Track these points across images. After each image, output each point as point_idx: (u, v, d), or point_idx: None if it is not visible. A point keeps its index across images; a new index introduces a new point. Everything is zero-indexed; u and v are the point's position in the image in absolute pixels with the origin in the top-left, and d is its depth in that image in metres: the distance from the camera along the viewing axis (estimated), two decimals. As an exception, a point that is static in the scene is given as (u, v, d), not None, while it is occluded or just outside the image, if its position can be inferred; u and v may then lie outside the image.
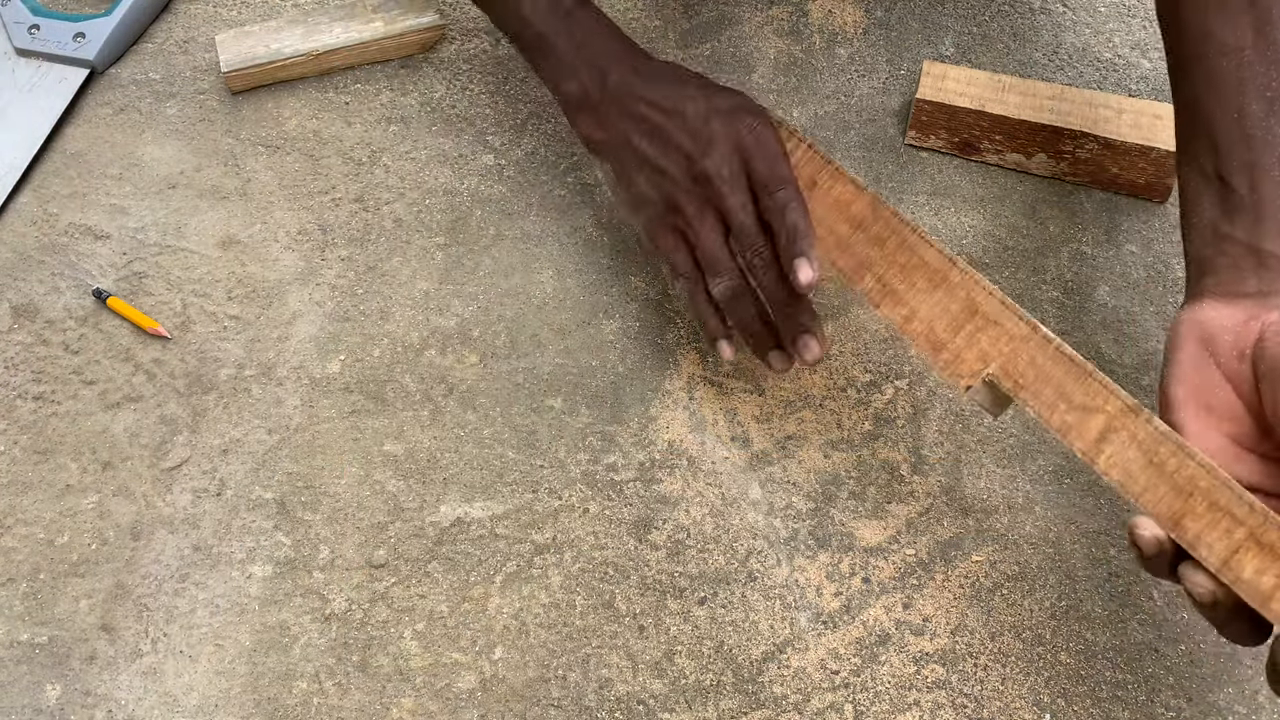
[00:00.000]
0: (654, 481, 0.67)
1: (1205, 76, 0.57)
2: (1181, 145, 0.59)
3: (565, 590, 0.64)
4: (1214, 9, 0.57)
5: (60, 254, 0.77)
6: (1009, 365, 0.55)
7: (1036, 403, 0.54)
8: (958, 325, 0.57)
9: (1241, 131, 0.55)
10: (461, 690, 0.61)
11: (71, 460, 0.69)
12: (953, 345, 0.57)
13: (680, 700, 0.60)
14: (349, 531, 0.66)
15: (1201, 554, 0.48)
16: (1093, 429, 0.52)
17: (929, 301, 0.58)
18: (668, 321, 0.73)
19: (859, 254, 0.61)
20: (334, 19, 0.85)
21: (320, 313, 0.74)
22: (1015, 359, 0.55)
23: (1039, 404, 0.54)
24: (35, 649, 0.62)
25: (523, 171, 0.80)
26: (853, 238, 0.61)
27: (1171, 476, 0.50)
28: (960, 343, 0.57)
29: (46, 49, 0.86)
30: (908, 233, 0.60)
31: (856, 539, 0.65)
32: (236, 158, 0.81)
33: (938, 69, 0.79)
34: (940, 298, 0.58)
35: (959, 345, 0.57)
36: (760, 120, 0.63)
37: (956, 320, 0.57)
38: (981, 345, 0.56)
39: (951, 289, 0.58)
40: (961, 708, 0.60)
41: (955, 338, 0.57)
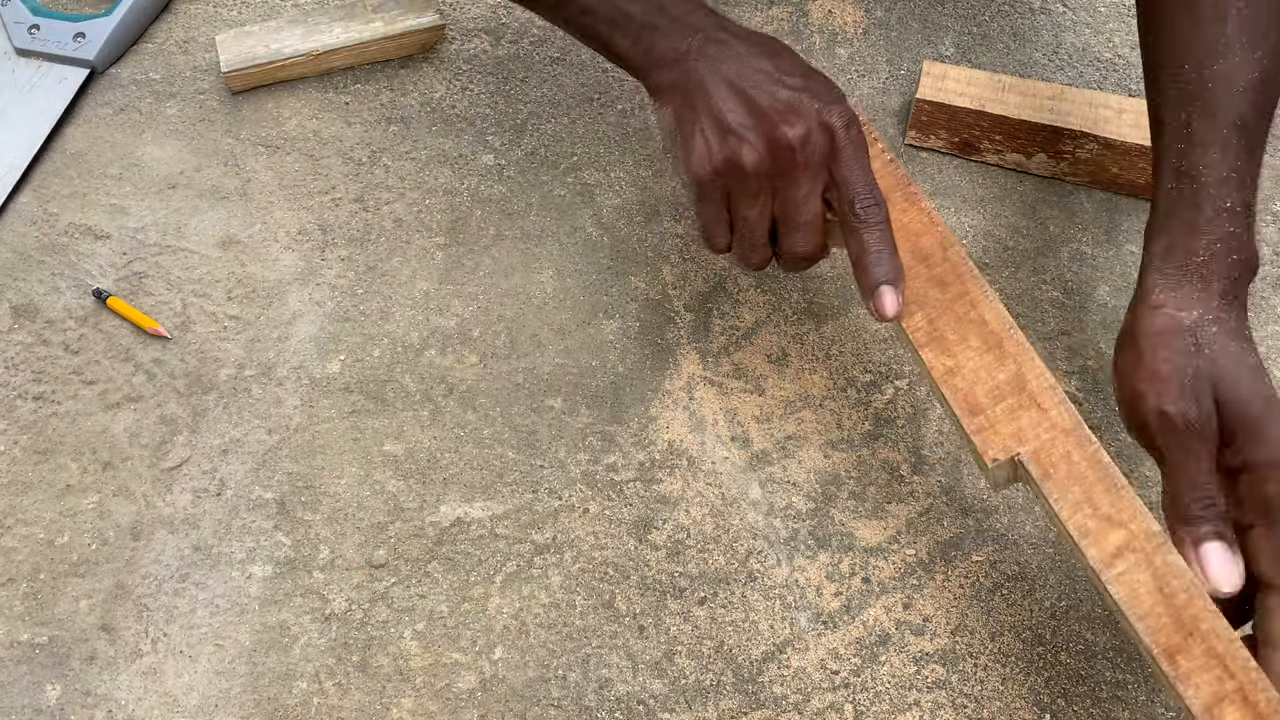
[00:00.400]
0: (654, 481, 0.67)
1: None
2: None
3: (565, 590, 0.64)
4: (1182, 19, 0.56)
5: (60, 254, 0.77)
6: (1043, 453, 0.53)
7: (1061, 498, 0.52)
8: (1000, 395, 0.55)
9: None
10: (461, 690, 0.61)
11: (71, 460, 0.69)
12: (990, 414, 0.54)
13: (680, 700, 0.60)
14: (349, 531, 0.66)
15: (1187, 692, 0.47)
16: (1112, 542, 0.51)
17: (976, 362, 0.56)
18: (668, 321, 0.73)
19: (915, 289, 0.58)
20: (334, 19, 0.85)
21: (320, 313, 0.74)
22: (1051, 449, 0.53)
23: (1064, 501, 0.52)
24: (35, 649, 0.62)
25: (523, 171, 0.80)
26: (913, 270, 0.58)
27: (1178, 611, 0.49)
28: (999, 414, 0.54)
29: (46, 49, 0.86)
30: (972, 284, 0.57)
31: (856, 539, 0.65)
32: (236, 158, 0.81)
33: (938, 69, 0.79)
34: (989, 362, 0.55)
35: (997, 416, 0.54)
36: (857, 124, 0.57)
37: (1000, 390, 0.55)
38: (1020, 424, 0.54)
39: (1003, 357, 0.55)
40: (961, 708, 0.60)
41: (995, 407, 0.55)
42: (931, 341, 0.57)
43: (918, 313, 0.58)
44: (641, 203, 0.79)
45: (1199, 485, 0.51)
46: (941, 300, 0.57)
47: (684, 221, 0.77)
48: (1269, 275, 0.74)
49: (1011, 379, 0.55)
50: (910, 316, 0.57)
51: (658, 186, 0.79)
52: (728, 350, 0.72)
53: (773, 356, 0.72)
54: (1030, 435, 0.54)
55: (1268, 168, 0.79)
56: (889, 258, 0.56)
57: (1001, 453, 0.53)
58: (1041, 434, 0.53)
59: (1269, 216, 0.77)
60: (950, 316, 0.57)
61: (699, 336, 0.73)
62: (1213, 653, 0.48)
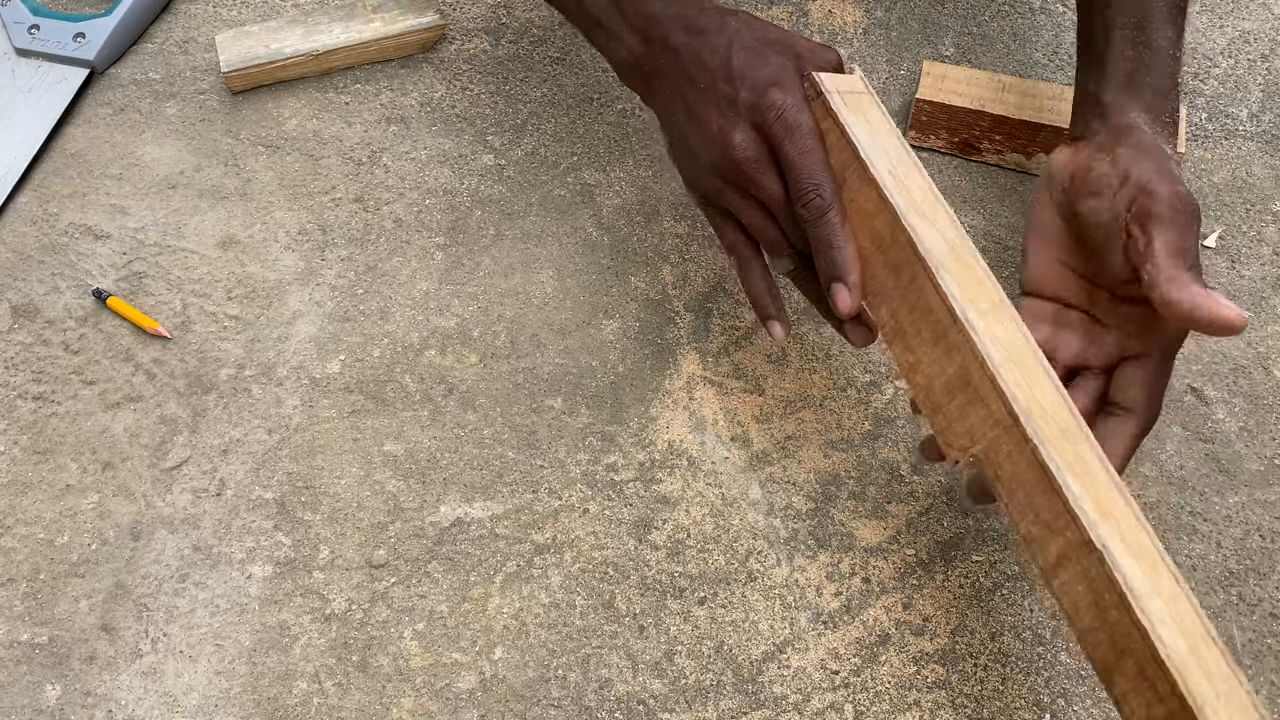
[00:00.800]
0: (654, 481, 0.67)
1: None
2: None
3: (565, 590, 0.64)
4: None
5: (60, 254, 0.77)
6: (991, 452, 0.51)
7: (1011, 503, 0.50)
8: (952, 391, 0.53)
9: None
10: (461, 690, 0.61)
11: (71, 460, 0.69)
12: (947, 410, 0.53)
13: (680, 700, 0.60)
14: (349, 531, 0.66)
15: (1124, 711, 0.46)
16: (1053, 551, 0.48)
17: (930, 356, 0.53)
18: (668, 321, 0.73)
19: (878, 279, 0.56)
20: (334, 19, 0.85)
21: (320, 313, 0.74)
22: (997, 448, 0.51)
23: (1014, 505, 0.50)
24: (35, 649, 0.62)
25: (523, 171, 0.80)
26: (874, 258, 0.56)
27: (1111, 627, 0.46)
28: (953, 411, 0.53)
29: (46, 49, 0.86)
30: (918, 268, 0.53)
31: (856, 539, 0.65)
32: (236, 158, 0.81)
33: (938, 69, 0.79)
34: (939, 356, 0.53)
35: (952, 413, 0.53)
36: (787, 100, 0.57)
37: (950, 385, 0.53)
38: (970, 421, 0.52)
39: (950, 349, 0.52)
40: (961, 708, 0.60)
41: (950, 403, 0.53)
42: (896, 338, 0.56)
43: (882, 306, 0.56)
44: (641, 203, 0.79)
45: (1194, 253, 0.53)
46: (897, 288, 0.55)
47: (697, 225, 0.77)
48: (1269, 275, 0.74)
49: (958, 372, 0.52)
50: (877, 310, 0.56)
51: (658, 186, 0.79)
52: (728, 350, 0.72)
53: (773, 356, 0.72)
54: (980, 433, 0.51)
55: (1269, 168, 0.79)
56: (839, 251, 0.57)
57: (960, 453, 0.52)
58: (988, 431, 0.51)
59: (1269, 217, 0.77)
60: (905, 307, 0.55)
61: (699, 336, 0.73)
62: (1143, 674, 0.45)
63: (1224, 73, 0.85)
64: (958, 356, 0.52)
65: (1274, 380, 0.70)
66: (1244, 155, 0.80)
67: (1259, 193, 0.78)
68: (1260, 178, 0.79)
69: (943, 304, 0.52)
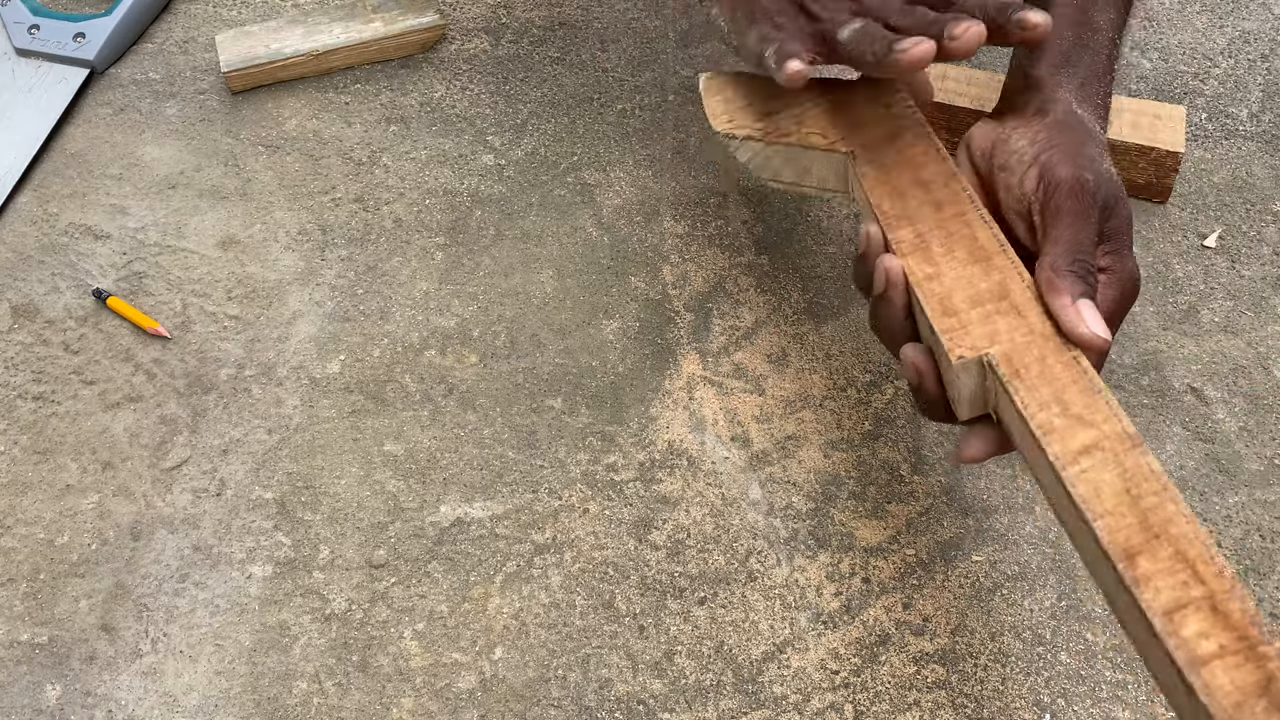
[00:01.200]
0: (654, 481, 0.67)
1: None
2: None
3: (565, 590, 0.64)
4: None
5: (60, 254, 0.77)
6: (1015, 354, 0.52)
7: (1027, 396, 0.51)
8: (978, 301, 0.54)
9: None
10: (461, 690, 0.61)
11: (71, 460, 0.69)
12: (964, 317, 0.54)
13: (680, 700, 0.60)
14: (349, 531, 0.66)
15: (1145, 595, 0.45)
16: (1078, 440, 0.49)
17: (960, 271, 0.55)
18: (668, 321, 0.73)
19: (909, 208, 0.58)
20: (334, 19, 0.85)
21: (320, 313, 0.74)
22: (1025, 351, 0.52)
23: (1030, 398, 0.51)
24: (35, 649, 0.62)
25: (523, 171, 0.80)
26: (911, 192, 0.59)
27: (1145, 513, 0.47)
28: (973, 317, 0.54)
29: (46, 49, 0.86)
30: (970, 209, 0.57)
31: (856, 539, 0.65)
32: (236, 158, 0.81)
33: (938, 69, 0.79)
34: (974, 272, 0.55)
35: (971, 319, 0.54)
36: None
37: (979, 297, 0.54)
38: (995, 327, 0.53)
39: (989, 268, 0.55)
40: (961, 708, 0.60)
41: (970, 311, 0.54)
42: (915, 251, 0.57)
43: (906, 227, 0.58)
44: (641, 203, 0.79)
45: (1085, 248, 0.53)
46: (935, 218, 0.58)
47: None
48: (1269, 275, 0.74)
49: (994, 288, 0.54)
50: (900, 229, 0.58)
51: (658, 186, 0.79)
52: (728, 350, 0.72)
53: (773, 356, 0.72)
54: (1004, 337, 0.52)
55: (1269, 168, 0.79)
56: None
57: (969, 351, 0.52)
58: (1017, 337, 0.52)
59: (1269, 217, 0.77)
60: (941, 232, 0.57)
61: (699, 336, 0.73)
62: (1182, 557, 0.45)
63: (1224, 73, 0.85)
64: (996, 275, 0.55)
65: (1274, 380, 0.70)
66: (1244, 155, 0.80)
67: (1259, 193, 0.78)
68: (1260, 178, 0.79)
69: (993, 237, 0.56)
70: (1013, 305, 0.54)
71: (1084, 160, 0.55)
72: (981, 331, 0.53)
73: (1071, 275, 0.52)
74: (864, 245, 0.58)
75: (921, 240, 0.57)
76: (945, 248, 0.57)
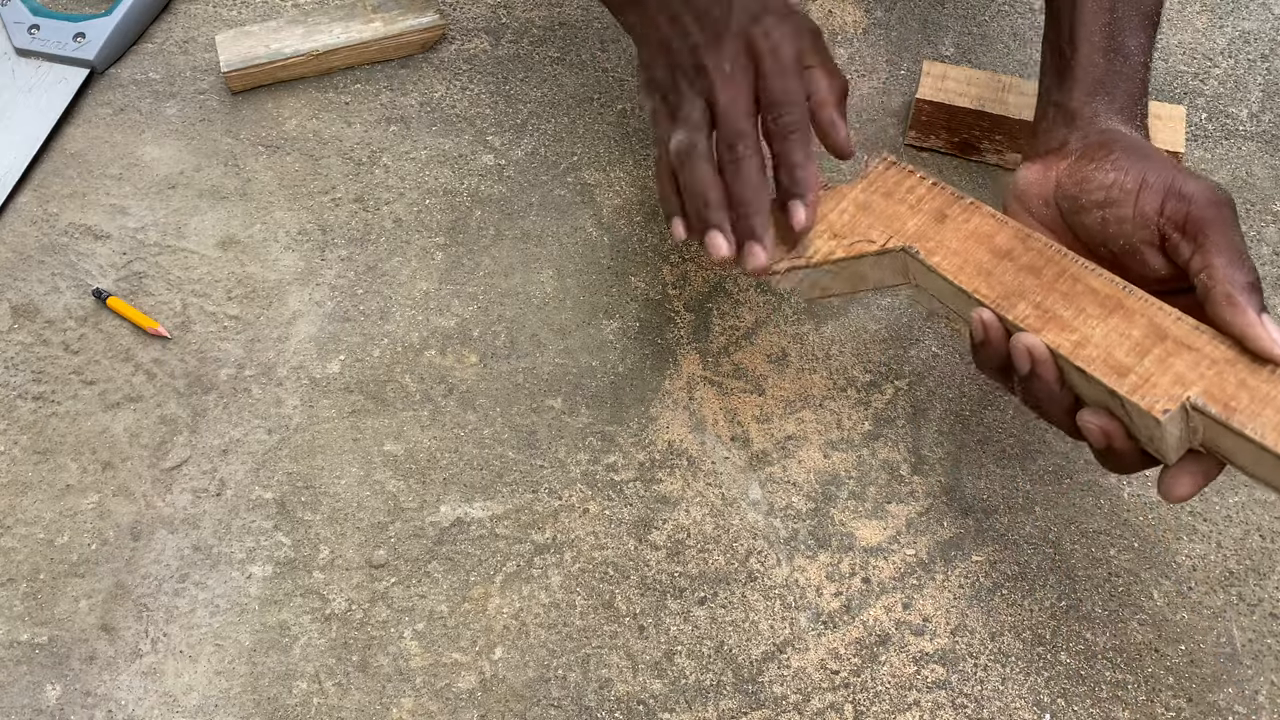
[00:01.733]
0: (654, 481, 0.67)
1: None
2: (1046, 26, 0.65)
3: (565, 590, 0.64)
4: None
5: (60, 254, 0.77)
6: (1214, 389, 0.49)
7: (1257, 425, 0.48)
8: (1143, 350, 0.51)
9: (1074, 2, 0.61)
10: (461, 690, 0.61)
11: (71, 460, 0.69)
12: (1140, 369, 0.51)
13: (680, 700, 0.60)
14: (349, 531, 0.66)
15: None
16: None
17: (1103, 328, 0.52)
18: (668, 321, 0.73)
19: (1007, 282, 0.56)
20: (334, 19, 0.85)
21: (320, 313, 0.74)
22: (1222, 383, 0.49)
23: (1261, 426, 0.47)
24: (35, 649, 0.62)
25: (523, 171, 0.80)
26: (998, 267, 0.56)
27: None
28: (1150, 366, 0.51)
29: (46, 49, 0.86)
30: (1068, 262, 0.55)
31: (856, 539, 0.65)
32: (236, 158, 0.81)
33: (938, 69, 0.79)
34: (1117, 323, 0.52)
35: (1148, 369, 0.51)
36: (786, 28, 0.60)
37: (1141, 345, 0.51)
38: (1176, 369, 0.50)
39: (1129, 315, 0.52)
40: (961, 708, 0.60)
41: (1142, 361, 0.51)
42: (1048, 324, 0.54)
43: (1020, 303, 0.55)
44: (641, 203, 0.79)
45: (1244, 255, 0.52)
46: (1040, 284, 0.55)
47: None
48: (1269, 275, 0.74)
49: (1147, 332, 0.52)
50: (1013, 309, 0.55)
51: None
52: (728, 350, 0.72)
53: (773, 356, 0.72)
54: (1193, 377, 0.50)
55: (1269, 168, 0.79)
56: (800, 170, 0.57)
57: (1170, 402, 0.49)
58: (1204, 371, 0.50)
59: (1269, 217, 0.77)
60: (1055, 295, 0.54)
61: (699, 336, 0.73)
62: None
63: (1224, 73, 0.85)
64: (1141, 319, 0.52)
65: None
66: (1244, 155, 0.80)
67: (1259, 193, 0.78)
68: (1260, 178, 0.79)
69: (1109, 282, 0.54)
70: (1177, 342, 0.51)
71: (1187, 171, 0.54)
72: (1167, 379, 0.50)
73: (1248, 289, 0.50)
74: (982, 333, 0.55)
75: (1044, 310, 0.54)
76: (1074, 309, 0.54)
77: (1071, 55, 0.61)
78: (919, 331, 0.73)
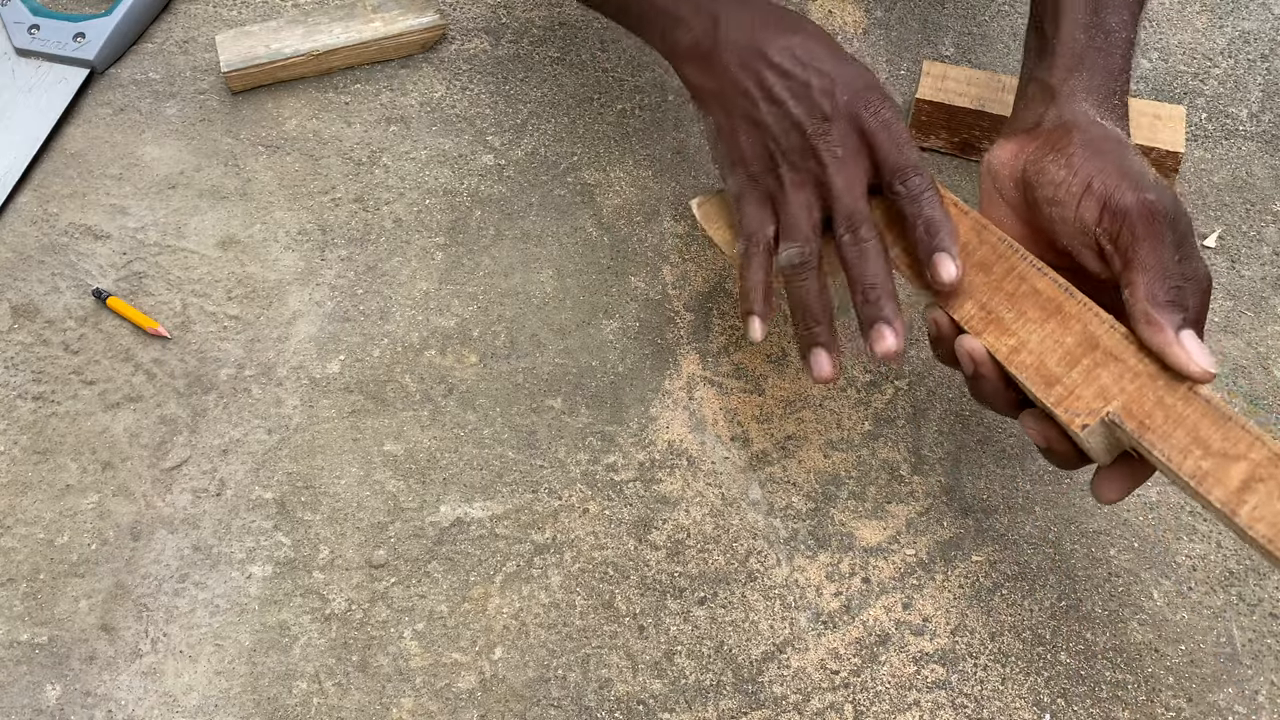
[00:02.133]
0: (654, 481, 0.67)
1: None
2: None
3: (565, 590, 0.64)
4: None
5: (60, 254, 0.77)
6: (1133, 405, 0.50)
7: (1166, 446, 0.48)
8: (1073, 359, 0.52)
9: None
10: (461, 690, 0.61)
11: (71, 460, 0.69)
12: (1068, 380, 0.52)
13: (680, 700, 0.60)
14: (349, 531, 0.66)
15: None
16: (1235, 477, 0.46)
17: (1040, 333, 0.53)
18: (668, 321, 0.73)
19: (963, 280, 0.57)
20: (334, 19, 0.85)
21: (320, 313, 0.74)
22: (1140, 398, 0.50)
23: (1169, 448, 0.48)
24: (35, 649, 0.62)
25: (523, 171, 0.80)
26: None
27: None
28: (1076, 377, 0.51)
29: (46, 49, 0.86)
30: (1017, 259, 0.56)
31: (856, 539, 0.65)
32: (236, 158, 0.81)
33: (938, 69, 0.79)
34: (1053, 329, 0.53)
35: (1075, 380, 0.51)
36: (888, 103, 0.59)
37: (1072, 354, 0.52)
38: (1101, 381, 0.51)
39: (1066, 320, 0.53)
40: (961, 708, 0.60)
41: (1070, 372, 0.52)
42: (989, 326, 0.55)
43: (967, 301, 0.56)
44: (641, 203, 0.79)
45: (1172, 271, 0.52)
46: (988, 283, 0.56)
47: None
48: (1269, 275, 0.74)
49: (1080, 340, 0.52)
50: (960, 308, 0.56)
51: (658, 186, 0.79)
52: (728, 350, 0.72)
53: (773, 356, 0.72)
54: (1115, 390, 0.50)
55: (1269, 168, 0.79)
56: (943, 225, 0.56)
57: (1090, 416, 0.50)
58: (1126, 385, 0.50)
59: (1269, 217, 0.77)
60: (1000, 296, 0.55)
61: (699, 336, 0.73)
62: None
63: (1224, 73, 0.85)
64: (1076, 325, 0.53)
65: (1274, 380, 0.70)
66: (1244, 155, 0.80)
67: (1259, 193, 0.78)
68: (1260, 178, 0.79)
69: (1052, 284, 0.54)
70: (1106, 353, 0.52)
71: (1135, 177, 0.53)
72: (1090, 391, 0.51)
73: (1168, 306, 0.50)
74: (935, 330, 0.57)
75: (987, 312, 0.55)
76: (1015, 312, 0.55)
77: (1054, 33, 0.61)
78: (919, 331, 0.73)
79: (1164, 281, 0.51)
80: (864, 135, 0.59)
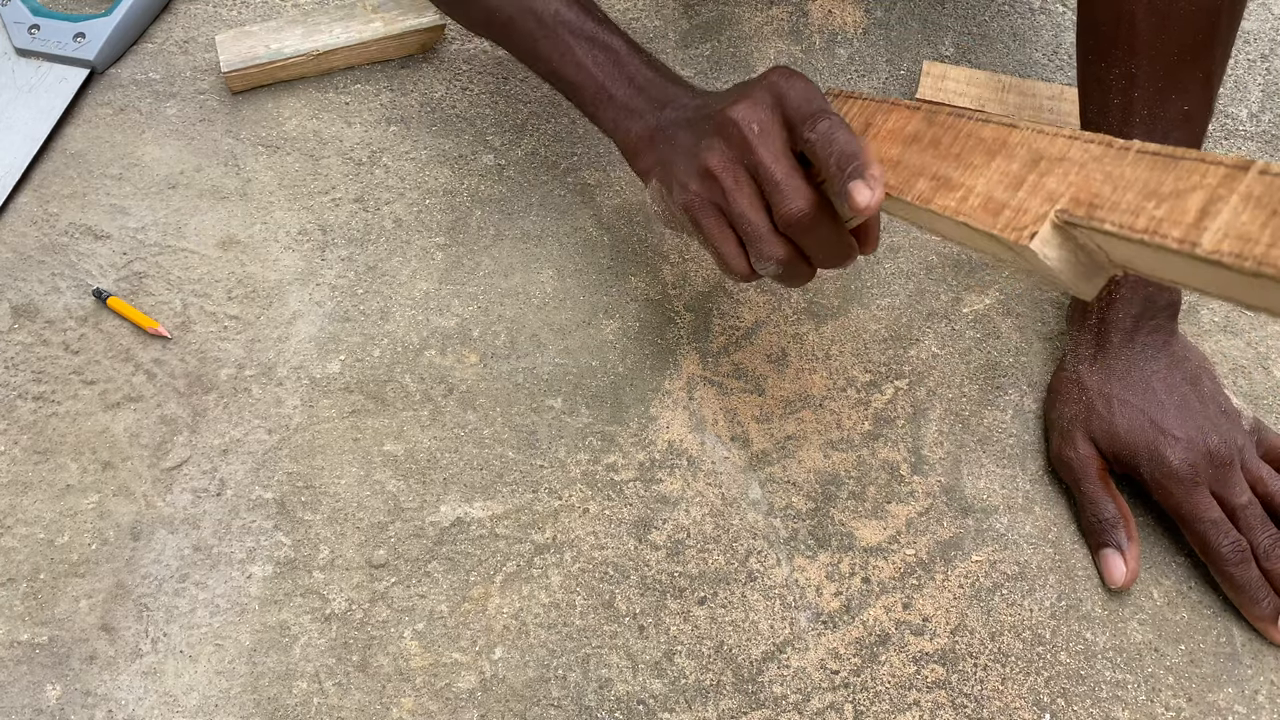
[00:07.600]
0: (654, 481, 0.67)
1: None
2: None
3: (565, 590, 0.64)
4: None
5: (60, 254, 0.77)
6: (1080, 191, 0.46)
7: (1116, 216, 0.44)
8: (1019, 180, 0.49)
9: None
10: (461, 690, 0.61)
11: (71, 460, 0.69)
12: (1014, 202, 0.49)
13: (680, 700, 0.60)
14: (349, 531, 0.66)
15: None
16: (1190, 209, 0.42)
17: (986, 173, 0.51)
18: (668, 321, 0.73)
19: (911, 165, 0.55)
20: (334, 19, 0.85)
21: (320, 313, 0.74)
22: (1088, 181, 0.46)
23: (1119, 216, 0.44)
24: (35, 649, 0.62)
25: (523, 171, 0.80)
26: (904, 154, 0.56)
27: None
28: (1023, 195, 0.48)
29: (46, 49, 0.86)
30: (964, 122, 0.53)
31: (856, 539, 0.65)
32: (236, 158, 0.81)
33: (938, 69, 0.79)
34: (999, 163, 0.51)
35: (1021, 198, 0.48)
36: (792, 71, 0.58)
37: (1018, 177, 0.49)
38: (1048, 187, 0.48)
39: (1011, 150, 0.50)
40: (961, 708, 0.60)
41: (1017, 193, 0.49)
42: (938, 190, 0.52)
43: (918, 181, 0.54)
44: (641, 203, 0.79)
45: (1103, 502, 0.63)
46: (937, 155, 0.54)
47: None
48: (1269, 275, 0.74)
49: (1026, 161, 0.49)
50: (912, 189, 0.54)
51: (658, 186, 0.79)
52: (728, 350, 0.72)
53: (773, 356, 0.72)
54: (1061, 188, 0.47)
55: (1268, 168, 0.79)
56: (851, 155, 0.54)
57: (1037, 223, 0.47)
58: (1072, 178, 0.47)
59: (1269, 216, 0.77)
60: (948, 160, 0.53)
61: (699, 336, 0.73)
62: None
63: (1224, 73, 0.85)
64: (1021, 151, 0.51)
65: (1274, 380, 0.70)
66: (1244, 155, 0.80)
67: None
68: (1260, 178, 0.79)
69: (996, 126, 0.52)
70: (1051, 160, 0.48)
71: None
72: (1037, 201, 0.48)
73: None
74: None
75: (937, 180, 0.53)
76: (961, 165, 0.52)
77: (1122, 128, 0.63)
78: (919, 331, 0.73)
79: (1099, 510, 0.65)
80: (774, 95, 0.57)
